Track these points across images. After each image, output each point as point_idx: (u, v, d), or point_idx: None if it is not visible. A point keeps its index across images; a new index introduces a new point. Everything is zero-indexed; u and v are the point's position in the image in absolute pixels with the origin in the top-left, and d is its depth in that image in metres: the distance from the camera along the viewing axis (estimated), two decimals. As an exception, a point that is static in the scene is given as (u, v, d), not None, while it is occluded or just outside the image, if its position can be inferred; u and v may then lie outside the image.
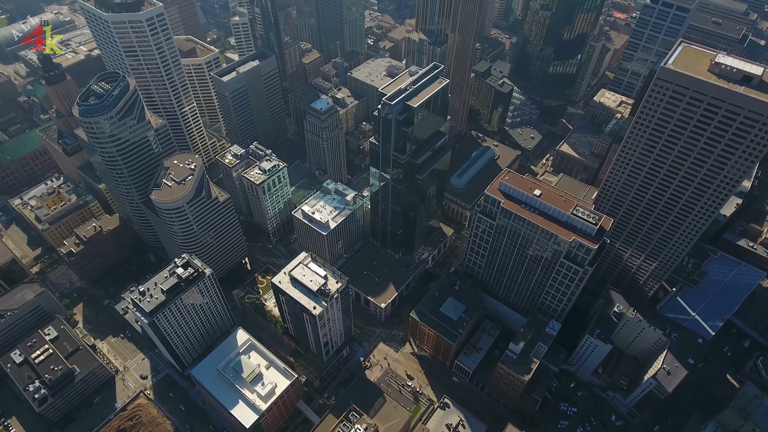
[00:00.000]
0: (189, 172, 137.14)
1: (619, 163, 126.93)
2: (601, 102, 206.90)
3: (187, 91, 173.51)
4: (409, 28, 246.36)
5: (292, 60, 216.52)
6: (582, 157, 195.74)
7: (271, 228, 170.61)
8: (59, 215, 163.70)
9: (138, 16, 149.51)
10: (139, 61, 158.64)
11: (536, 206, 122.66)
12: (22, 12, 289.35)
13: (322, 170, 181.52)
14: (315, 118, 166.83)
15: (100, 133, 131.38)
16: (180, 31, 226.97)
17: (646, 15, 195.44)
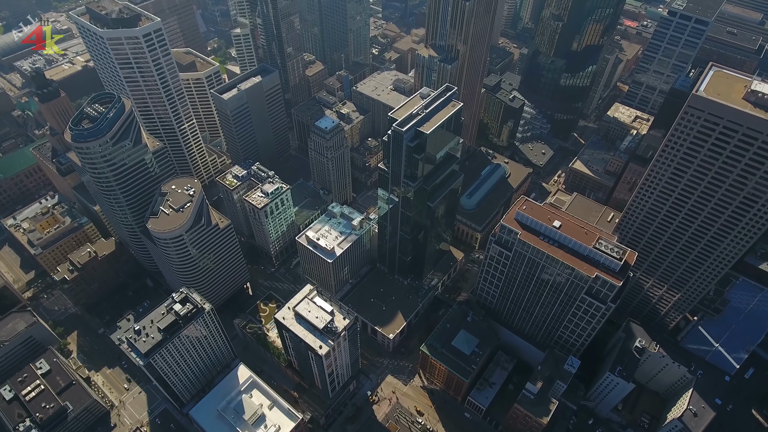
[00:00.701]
0: (188, 199, 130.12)
1: (644, 190, 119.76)
2: (615, 117, 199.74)
3: (186, 107, 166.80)
4: (415, 38, 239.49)
5: (295, 72, 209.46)
6: (596, 175, 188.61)
7: (274, 251, 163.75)
8: (53, 239, 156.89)
9: (134, 32, 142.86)
10: (136, 78, 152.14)
11: (556, 238, 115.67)
12: (18, 19, 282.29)
13: (327, 190, 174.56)
14: (319, 137, 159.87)
15: (93, 158, 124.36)
16: (179, 42, 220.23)
17: (663, 27, 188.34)
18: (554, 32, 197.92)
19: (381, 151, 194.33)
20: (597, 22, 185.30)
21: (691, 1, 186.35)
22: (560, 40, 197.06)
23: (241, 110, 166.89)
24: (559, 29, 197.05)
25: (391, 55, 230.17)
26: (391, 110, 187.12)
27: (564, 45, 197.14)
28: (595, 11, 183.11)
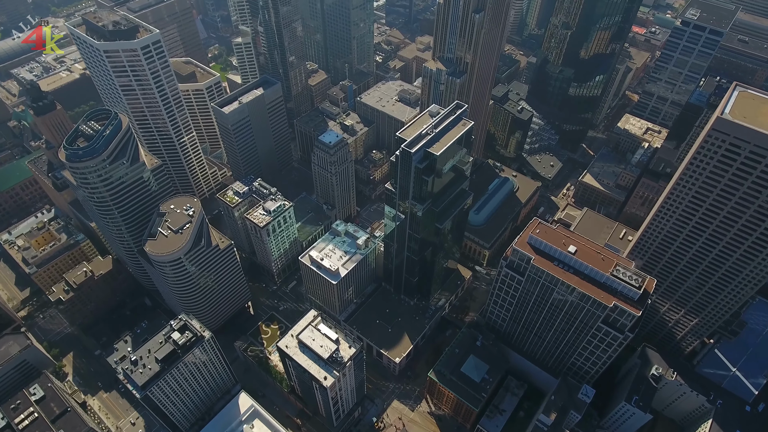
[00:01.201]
0: (187, 219, 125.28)
1: (663, 213, 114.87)
2: (626, 129, 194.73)
3: (186, 120, 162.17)
4: (420, 46, 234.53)
5: (297, 81, 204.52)
6: (606, 189, 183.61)
7: (276, 269, 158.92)
8: (48, 257, 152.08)
9: (132, 44, 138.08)
10: (134, 91, 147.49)
11: (571, 264, 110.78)
12: (15, 25, 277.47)
13: (330, 205, 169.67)
14: (323, 152, 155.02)
15: (89, 178, 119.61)
16: (179, 50, 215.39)
17: (676, 38, 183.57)
18: (563, 40, 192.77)
19: (386, 163, 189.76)
20: (606, 30, 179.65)
21: (705, 11, 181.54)
22: (569, 49, 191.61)
23: (243, 124, 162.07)
24: (568, 37, 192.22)
25: (395, 64, 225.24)
26: (396, 121, 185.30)
27: (573, 54, 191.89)
28: (604, 18, 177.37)
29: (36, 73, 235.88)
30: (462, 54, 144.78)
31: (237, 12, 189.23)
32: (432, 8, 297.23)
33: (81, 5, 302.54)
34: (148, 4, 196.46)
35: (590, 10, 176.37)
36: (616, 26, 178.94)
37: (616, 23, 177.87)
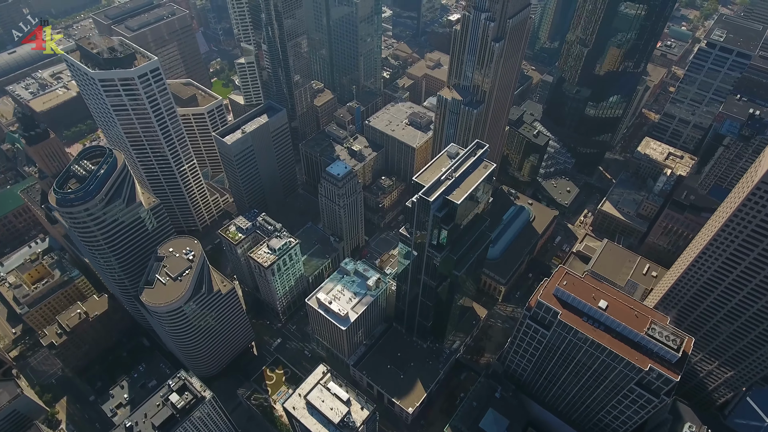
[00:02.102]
0: (186, 265, 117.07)
1: (700, 264, 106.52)
2: (647, 154, 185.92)
3: (186, 148, 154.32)
4: (429, 63, 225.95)
5: (302, 101, 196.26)
6: (627, 218, 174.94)
7: (281, 307, 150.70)
8: (40, 295, 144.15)
9: (129, 73, 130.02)
10: (131, 120, 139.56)
11: (602, 321, 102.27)
12: (11, 38, 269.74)
13: (338, 237, 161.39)
14: (331, 184, 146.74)
15: (81, 222, 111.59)
16: (179, 69, 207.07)
17: (701, 60, 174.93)
18: (579, 58, 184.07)
19: (396, 189, 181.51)
20: (624, 47, 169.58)
21: (731, 32, 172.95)
22: (586, 68, 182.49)
23: (246, 153, 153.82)
24: (585, 55, 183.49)
25: (404, 82, 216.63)
26: (406, 147, 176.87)
27: (591, 73, 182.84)
28: (622, 35, 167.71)
29: (32, 90, 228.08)
30: (479, 82, 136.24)
31: (239, 27, 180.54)
32: (440, 20, 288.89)
33: (80, 16, 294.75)
34: (147, 23, 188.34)
35: (608, 25, 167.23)
36: (637, 43, 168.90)
37: (637, 40, 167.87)
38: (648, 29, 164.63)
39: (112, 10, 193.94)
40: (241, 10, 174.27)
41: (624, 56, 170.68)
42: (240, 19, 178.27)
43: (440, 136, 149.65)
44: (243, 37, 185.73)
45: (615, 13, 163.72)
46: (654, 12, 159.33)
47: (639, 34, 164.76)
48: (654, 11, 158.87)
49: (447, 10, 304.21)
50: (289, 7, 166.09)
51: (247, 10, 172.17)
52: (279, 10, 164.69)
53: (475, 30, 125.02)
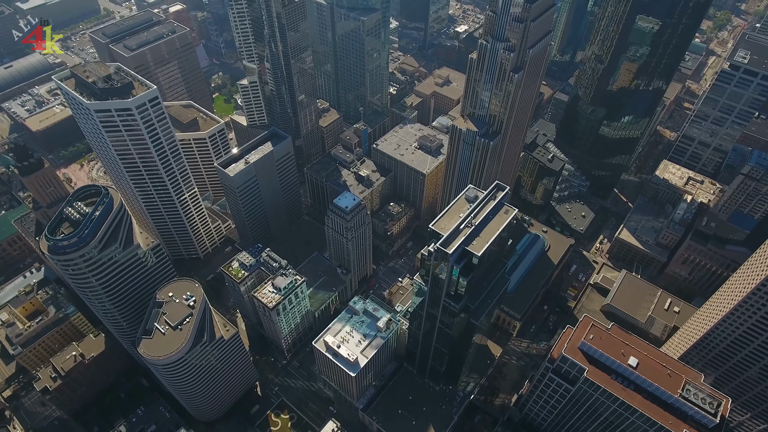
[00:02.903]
0: (187, 312, 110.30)
1: (733, 319, 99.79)
2: (665, 178, 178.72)
3: (186, 176, 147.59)
4: (438, 80, 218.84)
5: (307, 121, 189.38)
6: (646, 247, 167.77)
7: (286, 345, 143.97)
8: (34, 335, 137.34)
9: (127, 103, 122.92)
10: (129, 150, 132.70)
11: (633, 380, 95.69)
12: (9, 50, 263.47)
13: (345, 268, 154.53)
14: (339, 217, 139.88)
15: (75, 269, 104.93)
16: (180, 88, 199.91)
17: (723, 82, 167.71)
18: (594, 75, 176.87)
19: (405, 215, 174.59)
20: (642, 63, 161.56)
21: (755, 53, 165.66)
22: (602, 86, 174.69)
23: (249, 184, 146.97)
24: (600, 72, 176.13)
25: (412, 101, 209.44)
26: (416, 173, 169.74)
27: (607, 91, 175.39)
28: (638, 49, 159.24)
29: (28, 107, 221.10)
30: (496, 112, 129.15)
31: (242, 42, 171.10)
32: (447, 32, 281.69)
33: (78, 27, 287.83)
34: (146, 42, 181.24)
35: (624, 41, 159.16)
36: (658, 61, 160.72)
37: (656, 57, 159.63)
38: (668, 45, 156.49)
39: (110, 28, 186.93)
40: (242, 21, 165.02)
41: (644, 73, 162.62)
42: (242, 34, 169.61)
43: (453, 167, 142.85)
44: (246, 54, 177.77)
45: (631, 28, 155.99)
46: (669, 27, 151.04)
47: (658, 51, 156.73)
48: (671, 25, 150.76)
49: (454, 20, 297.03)
50: (293, 20, 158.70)
51: (249, 22, 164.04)
52: (282, 22, 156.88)
53: (493, 60, 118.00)
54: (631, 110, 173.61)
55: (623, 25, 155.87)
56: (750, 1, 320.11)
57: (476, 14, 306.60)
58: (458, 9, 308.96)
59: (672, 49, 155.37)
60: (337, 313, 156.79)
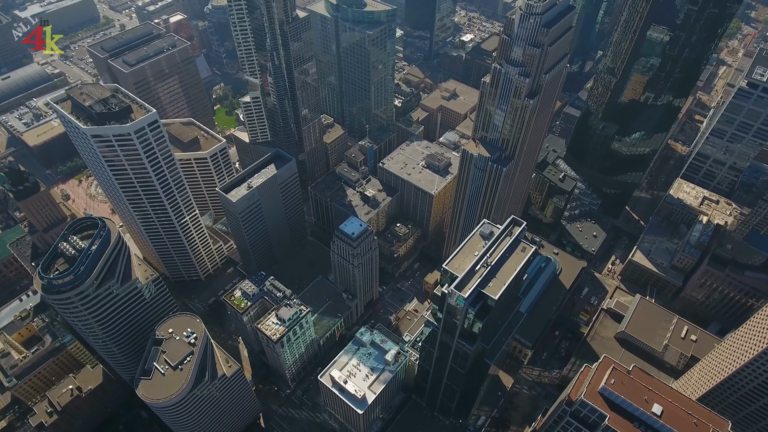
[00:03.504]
0: (188, 351, 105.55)
1: (756, 367, 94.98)
2: (680, 198, 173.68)
3: (187, 199, 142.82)
4: (444, 93, 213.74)
5: (310, 137, 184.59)
6: (660, 271, 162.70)
7: (290, 374, 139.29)
8: (30, 365, 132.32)
9: (125, 128, 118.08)
10: (128, 175, 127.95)
11: (657, 428, 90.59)
12: (6, 60, 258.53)
13: (351, 293, 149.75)
14: (345, 243, 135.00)
15: (70, 307, 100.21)
16: (181, 103, 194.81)
17: (741, 100, 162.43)
18: (606, 89, 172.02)
19: (412, 236, 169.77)
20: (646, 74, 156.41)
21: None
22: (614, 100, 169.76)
23: (252, 209, 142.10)
24: (612, 86, 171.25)
25: (418, 115, 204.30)
26: (423, 193, 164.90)
27: (620, 105, 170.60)
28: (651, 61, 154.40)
29: (26, 120, 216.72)
30: (509, 137, 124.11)
31: (244, 54, 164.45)
32: (453, 41, 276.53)
33: (77, 36, 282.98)
34: (146, 57, 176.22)
35: (637, 52, 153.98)
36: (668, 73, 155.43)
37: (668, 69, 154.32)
38: (680, 57, 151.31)
39: (109, 42, 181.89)
40: (244, 31, 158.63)
41: (655, 86, 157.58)
42: (244, 44, 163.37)
43: (463, 191, 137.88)
44: (248, 68, 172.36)
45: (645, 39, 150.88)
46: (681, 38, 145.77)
47: (669, 63, 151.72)
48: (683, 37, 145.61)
49: (459, 28, 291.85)
50: (296, 29, 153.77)
51: (251, 31, 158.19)
52: (285, 30, 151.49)
53: (507, 85, 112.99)
54: (643, 125, 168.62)
55: (637, 36, 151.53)
56: (760, 9, 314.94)
57: (481, 22, 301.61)
58: (463, 17, 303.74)
59: (684, 62, 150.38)
60: (342, 339, 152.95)
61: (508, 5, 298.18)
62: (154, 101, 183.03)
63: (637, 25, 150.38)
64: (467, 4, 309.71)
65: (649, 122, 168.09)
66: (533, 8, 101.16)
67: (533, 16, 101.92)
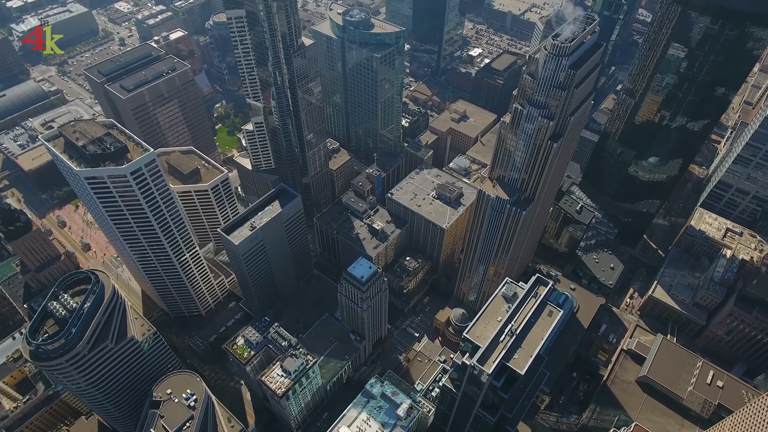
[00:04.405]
0: (188, 414, 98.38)
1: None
2: (701, 230, 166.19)
3: (187, 237, 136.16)
4: (454, 115, 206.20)
5: (315, 162, 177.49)
6: (683, 308, 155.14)
7: (295, 424, 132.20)
8: (21, 416, 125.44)
9: (121, 170, 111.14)
10: (125, 217, 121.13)
11: None
12: (2, 77, 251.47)
13: (359, 335, 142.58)
14: (354, 288, 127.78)
15: (62, 372, 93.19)
16: (181, 127, 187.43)
17: (766, 129, 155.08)
18: (625, 110, 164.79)
19: (422, 269, 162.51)
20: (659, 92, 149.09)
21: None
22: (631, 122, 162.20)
23: (255, 250, 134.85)
24: (630, 107, 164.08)
25: (427, 139, 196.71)
26: (434, 227, 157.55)
27: (636, 127, 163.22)
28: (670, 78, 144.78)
29: (21, 142, 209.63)
30: (531, 178, 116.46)
31: (247, 78, 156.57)
32: (461, 55, 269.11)
33: (75, 50, 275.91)
34: (144, 81, 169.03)
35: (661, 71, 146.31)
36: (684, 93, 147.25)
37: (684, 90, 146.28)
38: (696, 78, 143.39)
39: (106, 65, 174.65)
40: (246, 49, 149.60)
41: (670, 106, 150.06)
42: (246, 64, 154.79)
43: (478, 231, 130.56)
44: (252, 92, 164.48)
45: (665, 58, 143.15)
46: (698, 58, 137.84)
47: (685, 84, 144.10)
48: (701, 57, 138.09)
49: (467, 42, 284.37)
50: (300, 46, 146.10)
51: (252, 47, 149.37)
52: (287, 42, 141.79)
53: (529, 127, 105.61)
54: (661, 149, 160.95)
55: (659, 56, 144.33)
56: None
57: (489, 35, 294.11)
58: (471, 29, 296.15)
59: (702, 83, 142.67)
60: (349, 382, 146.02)
61: (517, 18, 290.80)
62: (152, 127, 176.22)
63: (661, 45, 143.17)
64: (474, 17, 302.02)
65: (666, 145, 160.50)
66: (561, 49, 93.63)
67: (560, 58, 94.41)
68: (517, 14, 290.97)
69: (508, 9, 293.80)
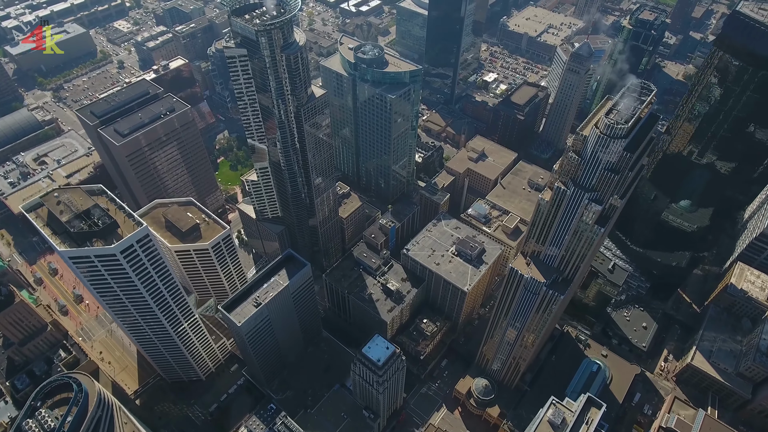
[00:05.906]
0: None
1: None
2: (743, 289, 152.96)
3: (185, 307, 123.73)
4: (472, 154, 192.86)
5: (324, 208, 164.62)
6: (724, 378, 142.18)
7: None
8: None
9: (110, 249, 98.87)
10: (117, 295, 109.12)
11: None
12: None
13: (373, 412, 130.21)
14: (370, 371, 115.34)
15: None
16: (180, 170, 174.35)
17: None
18: (660, 149, 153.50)
19: (440, 332, 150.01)
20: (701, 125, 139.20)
21: None
22: (666, 161, 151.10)
23: (260, 327, 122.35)
24: (667, 145, 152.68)
25: (443, 181, 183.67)
26: (454, 288, 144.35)
27: (668, 173, 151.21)
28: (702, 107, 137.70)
29: (11, 179, 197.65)
30: (571, 258, 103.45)
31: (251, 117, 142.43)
32: (475, 80, 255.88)
33: (72, 73, 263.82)
34: (141, 125, 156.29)
35: None
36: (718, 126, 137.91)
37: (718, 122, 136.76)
38: (731, 113, 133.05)
39: (100, 106, 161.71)
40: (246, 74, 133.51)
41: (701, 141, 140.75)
42: (251, 110, 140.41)
43: (506, 309, 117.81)
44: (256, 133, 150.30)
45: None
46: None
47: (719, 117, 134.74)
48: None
49: (482, 65, 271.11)
50: (310, 96, 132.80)
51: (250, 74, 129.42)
52: (291, 65, 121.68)
53: (573, 209, 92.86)
54: (692, 191, 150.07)
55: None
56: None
57: (504, 58, 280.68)
58: (485, 51, 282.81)
59: (735, 119, 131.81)
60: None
61: (533, 39, 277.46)
62: (149, 172, 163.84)
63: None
64: (488, 37, 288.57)
65: (702, 188, 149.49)
66: (616, 131, 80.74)
67: (615, 140, 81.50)
68: (533, 36, 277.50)
69: (524, 30, 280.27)
